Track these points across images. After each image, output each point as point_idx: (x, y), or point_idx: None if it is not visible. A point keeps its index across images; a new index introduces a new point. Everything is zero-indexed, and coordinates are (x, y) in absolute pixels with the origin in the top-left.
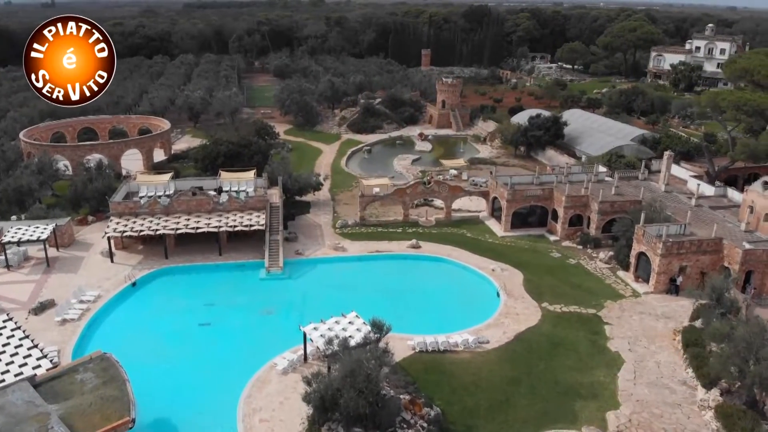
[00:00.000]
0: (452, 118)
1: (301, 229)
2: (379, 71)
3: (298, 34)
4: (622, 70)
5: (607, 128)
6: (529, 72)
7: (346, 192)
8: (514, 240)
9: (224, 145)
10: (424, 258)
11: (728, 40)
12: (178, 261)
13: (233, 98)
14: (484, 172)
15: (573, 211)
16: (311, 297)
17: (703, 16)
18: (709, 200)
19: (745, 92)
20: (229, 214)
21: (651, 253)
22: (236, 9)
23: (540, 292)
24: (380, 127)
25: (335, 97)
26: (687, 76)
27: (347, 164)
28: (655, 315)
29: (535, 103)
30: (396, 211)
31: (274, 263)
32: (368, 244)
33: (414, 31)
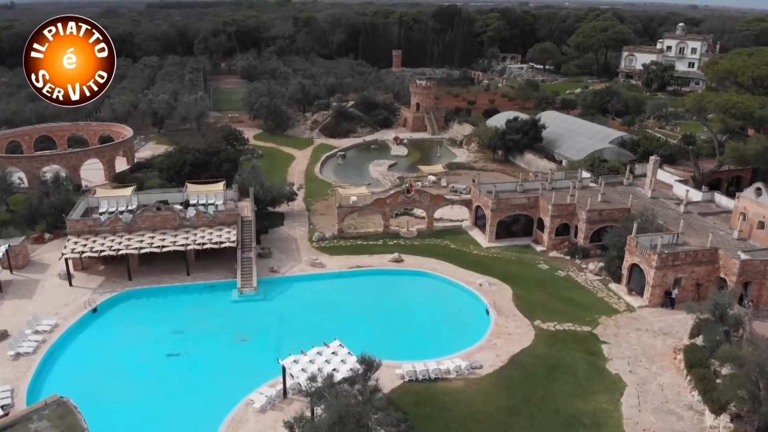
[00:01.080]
0: (427, 121)
1: (275, 243)
2: (350, 73)
3: (265, 34)
4: (593, 70)
5: (585, 130)
6: (501, 73)
7: (321, 201)
8: (500, 251)
9: (190, 154)
10: (408, 273)
11: (699, 39)
12: (143, 282)
13: (199, 102)
14: (464, 177)
15: (560, 220)
16: (289, 320)
17: (670, 15)
18: (697, 206)
19: (731, 94)
20: (197, 230)
21: (645, 265)
22: (201, 9)
23: (531, 308)
24: (354, 131)
25: (306, 99)
26: (659, 76)
27: (321, 171)
28: (653, 331)
29: (508, 105)
30: (375, 222)
31: (248, 283)
32: (348, 259)
33: (384, 31)
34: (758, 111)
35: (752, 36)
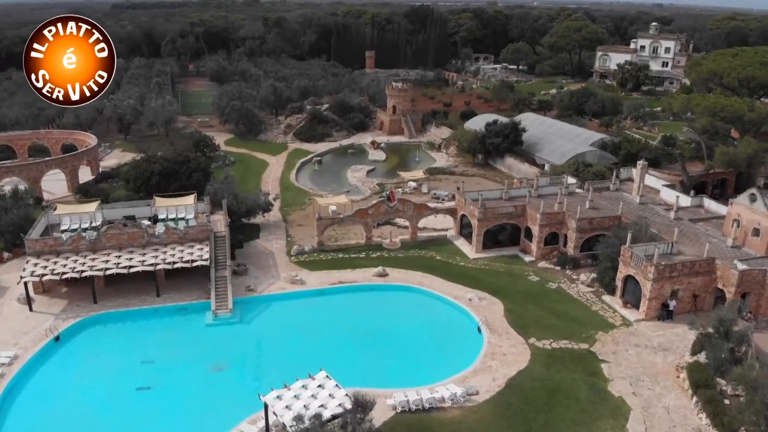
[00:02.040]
0: (404, 124)
1: (251, 258)
2: (323, 74)
3: (234, 35)
4: (567, 70)
5: (565, 133)
6: (475, 73)
7: (299, 211)
8: (488, 262)
9: (158, 163)
10: (393, 288)
11: (672, 38)
12: (109, 306)
13: (167, 107)
14: (444, 183)
15: (548, 229)
16: (268, 345)
17: (640, 15)
18: (686, 212)
19: (719, 97)
20: (167, 247)
21: (641, 277)
22: (167, 9)
23: (524, 324)
24: (329, 135)
25: (279, 103)
26: (634, 76)
27: (297, 178)
28: (652, 347)
29: (485, 107)
30: (357, 232)
31: (222, 305)
32: (329, 274)
33: (356, 32)
34: (748, 114)
35: (723, 34)
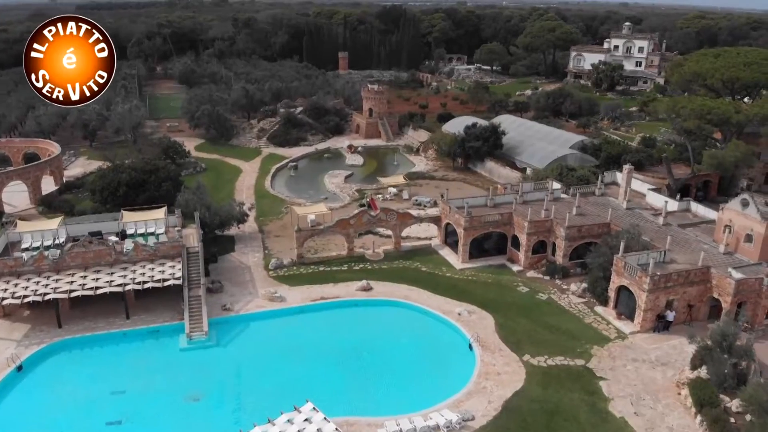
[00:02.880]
0: (381, 127)
1: (226, 274)
2: (296, 76)
3: (203, 36)
4: (541, 70)
5: (544, 135)
6: (449, 74)
7: (275, 221)
8: (475, 272)
9: (126, 173)
10: (379, 303)
11: (645, 38)
12: (76, 330)
13: (134, 111)
14: (425, 188)
15: (536, 237)
16: (248, 370)
17: (610, 14)
18: (674, 216)
19: (705, 99)
20: (137, 266)
21: (635, 288)
22: (133, 10)
23: (517, 340)
24: (304, 139)
25: (251, 106)
26: (609, 76)
27: (273, 185)
28: (650, 362)
29: (461, 109)
30: (338, 243)
31: (197, 327)
32: (310, 290)
33: (329, 33)
34: (735, 116)
35: (693, 33)
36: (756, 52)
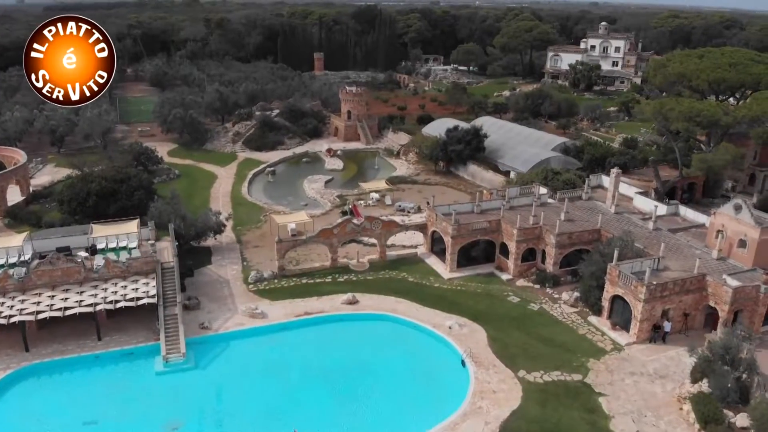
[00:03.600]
0: (360, 130)
1: (203, 288)
2: (271, 78)
3: (174, 37)
4: (518, 71)
5: (525, 137)
6: (426, 75)
7: (254, 230)
8: (463, 282)
9: (96, 182)
10: (365, 317)
11: (622, 38)
12: (44, 354)
13: (104, 116)
14: (408, 193)
15: (525, 245)
16: (230, 395)
17: (584, 14)
18: (663, 220)
19: (692, 101)
20: (108, 283)
21: (630, 297)
22: (103, 11)
23: (511, 354)
24: (281, 143)
25: (225, 109)
26: (586, 76)
27: (250, 191)
28: (648, 375)
29: (440, 110)
30: (320, 253)
31: (174, 348)
32: (293, 304)
33: (303, 33)
34: (724, 118)
35: (666, 32)
36: (740, 52)
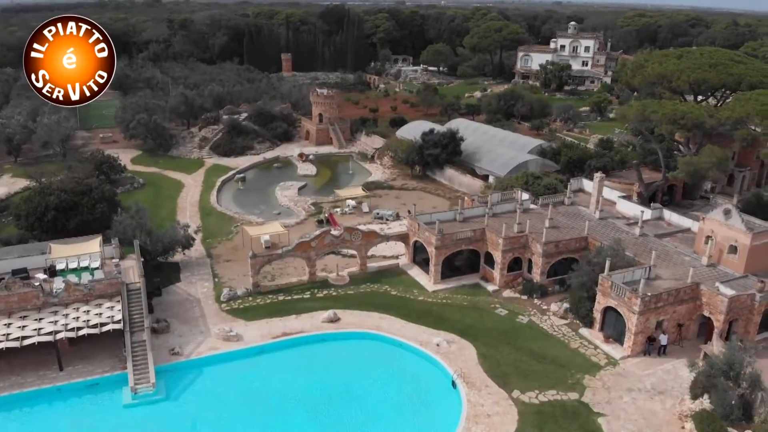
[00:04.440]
0: (332, 133)
1: (172, 309)
2: (238, 80)
3: (136, 38)
4: (488, 71)
5: (501, 140)
6: (396, 76)
7: (225, 242)
8: (448, 294)
9: (54, 195)
10: (348, 336)
11: (591, 37)
12: (1, 387)
13: (63, 122)
14: (385, 199)
15: (511, 254)
16: (204, 427)
17: (551, 14)
18: (648, 225)
19: (676, 103)
20: (69, 308)
21: (624, 309)
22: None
23: (503, 373)
24: (251, 148)
25: (191, 113)
26: (557, 76)
27: (219, 200)
28: (647, 391)
29: (412, 112)
30: (297, 267)
31: (143, 377)
32: (270, 324)
33: (270, 34)
34: (708, 120)
35: (633, 32)
36: (719, 52)
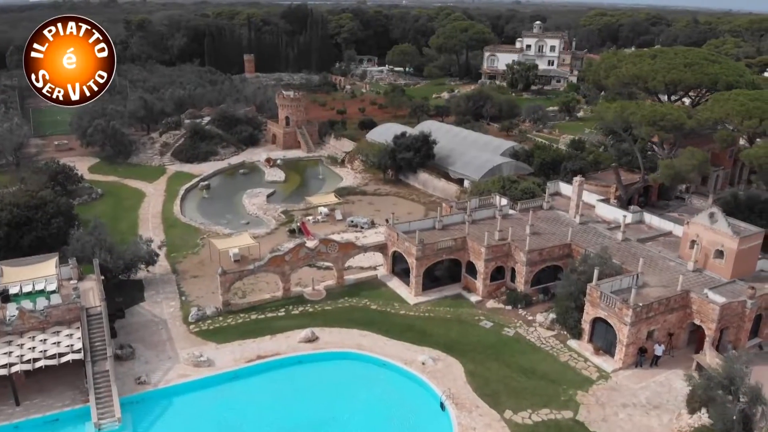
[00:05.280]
0: (300, 136)
1: (137, 332)
2: (199, 82)
3: None
4: (454, 71)
5: (472, 142)
6: (362, 77)
7: (191, 257)
8: (431, 307)
9: (6, 210)
10: (328, 357)
11: (557, 37)
12: None
13: (16, 130)
14: (359, 206)
15: (494, 263)
16: None
17: (514, 13)
18: (629, 229)
19: (655, 105)
20: (24, 338)
21: (615, 320)
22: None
23: (493, 391)
24: (215, 153)
25: (151, 117)
26: (524, 76)
27: (183, 210)
28: (642, 406)
29: (380, 114)
30: (270, 282)
31: (107, 411)
32: (243, 346)
33: (231, 34)
34: (688, 122)
35: (596, 30)
36: (693, 52)
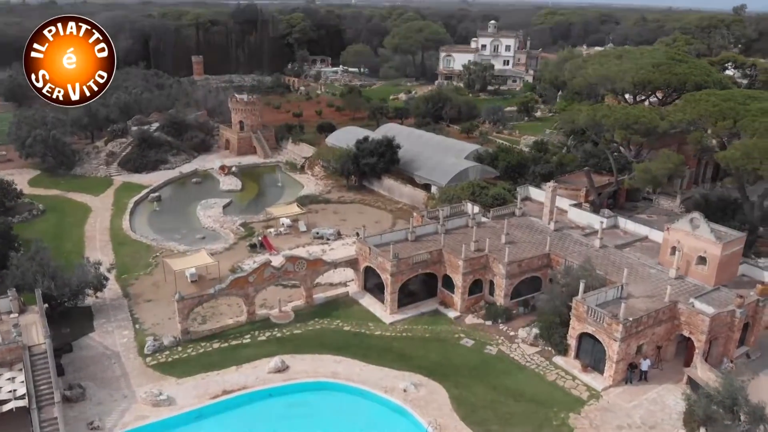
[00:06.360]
0: (256, 142)
1: (87, 368)
2: (146, 86)
3: None
4: (410, 72)
5: (436, 145)
6: (316, 78)
7: (144, 277)
8: (408, 326)
9: None
10: (300, 388)
11: (512, 36)
12: None
13: None
14: (323, 215)
15: (472, 276)
16: None
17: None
18: (604, 234)
19: (626, 107)
20: None
21: (603, 335)
22: None
23: (482, 419)
24: (165, 161)
25: (95, 124)
26: (480, 76)
27: (133, 225)
28: (637, 427)
29: (338, 116)
30: (232, 304)
31: None
32: (207, 380)
33: (178, 35)
34: (662, 124)
35: (548, 29)
36: (658, 52)
